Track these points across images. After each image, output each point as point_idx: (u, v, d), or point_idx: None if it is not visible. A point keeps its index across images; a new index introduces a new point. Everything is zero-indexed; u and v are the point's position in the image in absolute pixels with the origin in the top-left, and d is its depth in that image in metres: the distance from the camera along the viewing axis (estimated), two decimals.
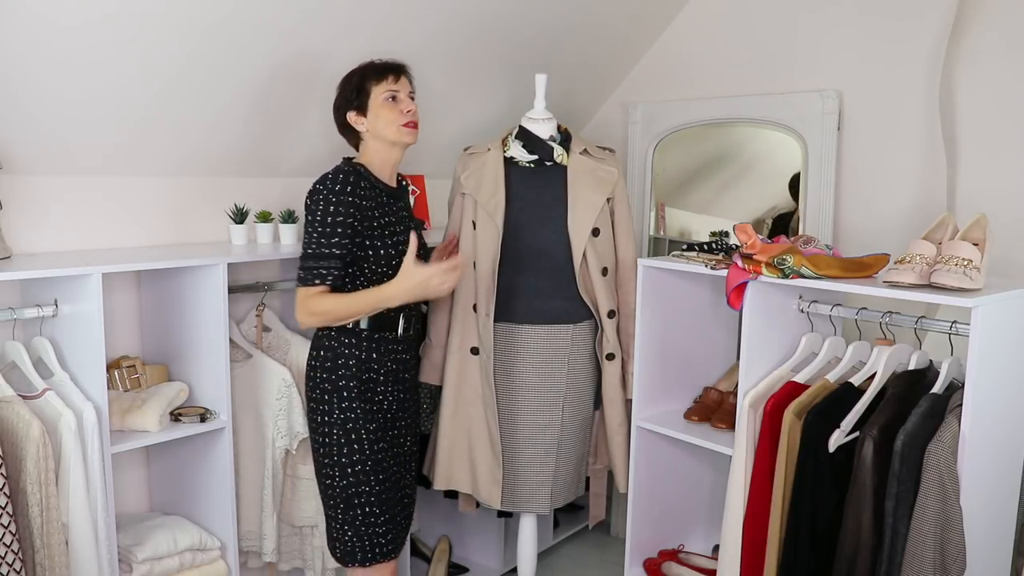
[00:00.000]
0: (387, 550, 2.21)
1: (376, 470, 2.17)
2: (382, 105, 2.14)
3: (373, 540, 2.18)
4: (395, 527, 2.23)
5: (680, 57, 3.24)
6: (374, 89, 2.15)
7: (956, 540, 1.81)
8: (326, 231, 2.04)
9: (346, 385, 2.15)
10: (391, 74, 2.17)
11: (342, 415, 2.15)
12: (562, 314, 2.51)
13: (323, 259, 2.04)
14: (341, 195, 2.05)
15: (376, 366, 2.18)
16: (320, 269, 2.05)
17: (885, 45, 2.72)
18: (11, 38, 1.89)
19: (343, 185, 2.06)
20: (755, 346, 2.19)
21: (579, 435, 2.58)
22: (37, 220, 2.25)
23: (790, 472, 2.04)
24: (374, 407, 2.18)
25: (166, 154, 2.43)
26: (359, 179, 2.10)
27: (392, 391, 2.23)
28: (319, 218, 2.05)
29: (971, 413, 1.83)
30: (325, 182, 2.07)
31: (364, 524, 2.17)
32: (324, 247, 2.04)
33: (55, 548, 1.91)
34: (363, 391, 2.16)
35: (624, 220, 2.57)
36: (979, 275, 1.87)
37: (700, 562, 2.60)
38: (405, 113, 2.16)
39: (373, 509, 2.17)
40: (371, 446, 2.16)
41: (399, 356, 2.24)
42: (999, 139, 2.48)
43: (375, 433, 2.17)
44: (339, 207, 2.04)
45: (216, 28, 2.17)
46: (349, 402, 2.14)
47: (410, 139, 2.18)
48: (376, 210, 2.13)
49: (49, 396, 1.97)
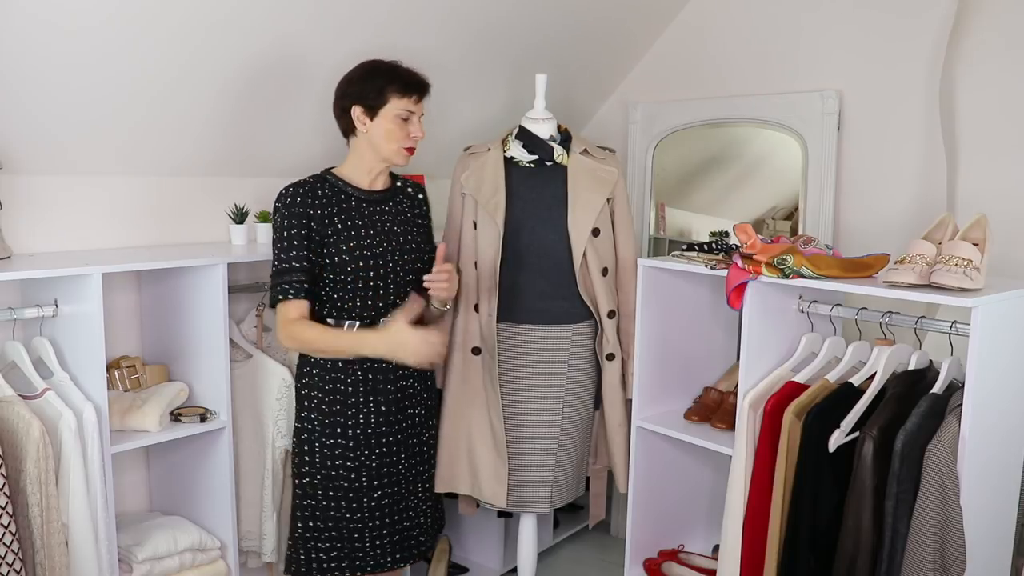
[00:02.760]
0: (330, 566, 2.12)
1: (328, 486, 2.11)
2: (393, 120, 2.08)
3: (312, 555, 2.12)
4: (351, 546, 2.13)
5: (680, 57, 3.24)
6: (394, 100, 2.07)
7: (956, 540, 1.81)
8: (284, 245, 2.04)
9: (308, 395, 2.13)
10: (416, 94, 2.10)
11: (299, 424, 2.14)
12: (562, 314, 2.51)
13: (286, 274, 2.04)
14: (292, 207, 2.05)
15: (342, 375, 2.12)
16: (283, 284, 2.03)
17: (885, 45, 2.72)
18: (11, 39, 1.89)
19: (293, 198, 2.05)
20: (755, 346, 2.19)
21: (579, 435, 2.58)
22: (37, 220, 2.25)
23: (790, 472, 2.04)
24: (339, 420, 2.11)
25: (166, 154, 2.43)
26: (316, 188, 2.08)
27: (367, 403, 2.13)
28: (277, 233, 2.06)
29: (971, 413, 1.83)
30: (280, 197, 2.07)
31: (303, 538, 2.12)
32: (284, 262, 2.04)
33: (55, 548, 1.91)
34: (324, 401, 2.11)
35: (624, 220, 2.57)
36: (979, 275, 1.87)
37: (700, 562, 2.60)
38: (410, 137, 2.10)
39: (317, 524, 2.12)
40: (324, 460, 2.11)
41: (376, 364, 2.13)
42: (999, 139, 2.48)
43: (333, 448, 2.11)
44: (292, 219, 2.04)
45: (216, 28, 2.17)
46: (308, 412, 2.13)
47: (402, 162, 2.13)
48: (337, 216, 2.08)
49: (49, 396, 1.97)
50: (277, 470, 2.45)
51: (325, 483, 2.12)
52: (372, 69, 2.10)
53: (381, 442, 2.17)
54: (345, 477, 2.12)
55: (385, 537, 2.19)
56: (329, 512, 2.12)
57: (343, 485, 2.12)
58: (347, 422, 2.12)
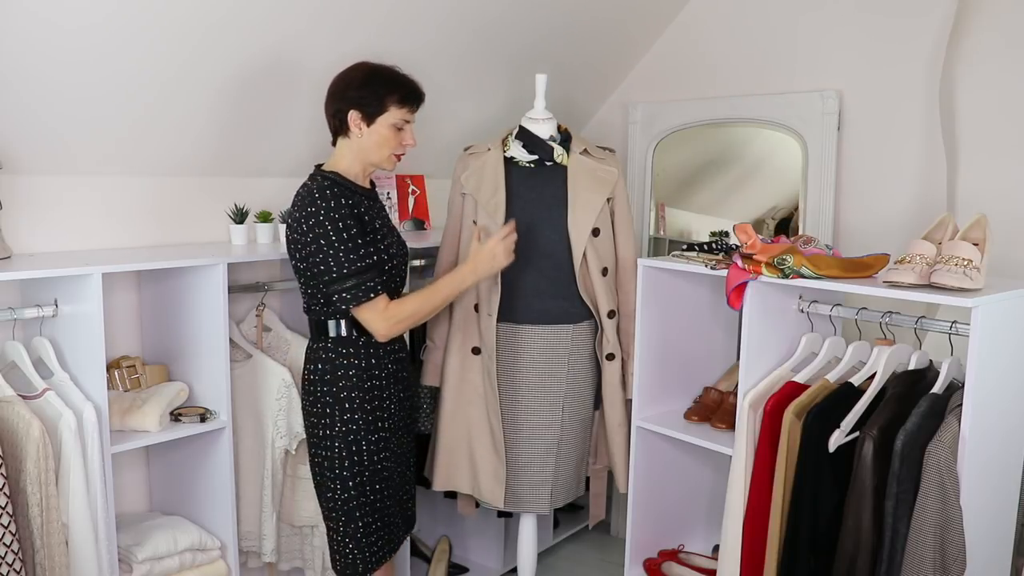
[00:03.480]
0: (382, 555, 2.20)
1: (374, 479, 2.15)
2: (388, 128, 2.09)
3: (372, 550, 2.17)
4: (390, 531, 2.22)
5: (680, 57, 3.24)
6: (392, 110, 2.08)
7: (956, 540, 1.81)
8: (348, 247, 2.00)
9: (348, 396, 2.11)
10: (415, 104, 2.12)
11: (343, 427, 2.11)
12: (562, 314, 2.51)
13: (364, 272, 2.02)
14: (342, 208, 2.02)
15: (378, 371, 2.15)
16: (368, 282, 2.02)
17: (885, 45, 2.73)
18: (11, 38, 1.89)
19: (339, 200, 2.02)
20: (755, 346, 2.19)
21: (579, 435, 2.58)
22: (37, 220, 2.25)
23: (790, 472, 2.04)
24: (378, 414, 2.15)
25: (166, 154, 2.43)
26: (344, 189, 2.06)
27: (394, 392, 2.21)
28: (334, 238, 1.99)
29: (971, 413, 1.83)
30: (316, 203, 2.01)
31: (364, 535, 2.15)
32: (357, 261, 2.01)
33: (55, 548, 1.91)
34: (366, 400, 2.13)
35: (624, 220, 2.57)
36: (979, 275, 1.87)
37: (700, 562, 2.60)
38: (402, 145, 2.13)
39: (374, 519, 2.16)
40: (371, 456, 2.13)
41: (397, 355, 2.22)
42: (999, 139, 2.48)
43: (376, 444, 2.14)
44: (347, 219, 2.01)
45: (216, 28, 2.17)
46: (351, 413, 2.12)
47: (390, 167, 2.17)
48: (367, 215, 2.11)
49: (49, 396, 1.97)
50: (277, 470, 2.45)
51: (373, 478, 2.15)
52: (371, 75, 2.09)
53: (399, 426, 2.24)
54: (387, 467, 2.18)
55: (400, 515, 2.28)
56: (377, 505, 2.16)
57: (385, 476, 2.17)
58: (383, 415, 2.17)
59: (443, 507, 3.02)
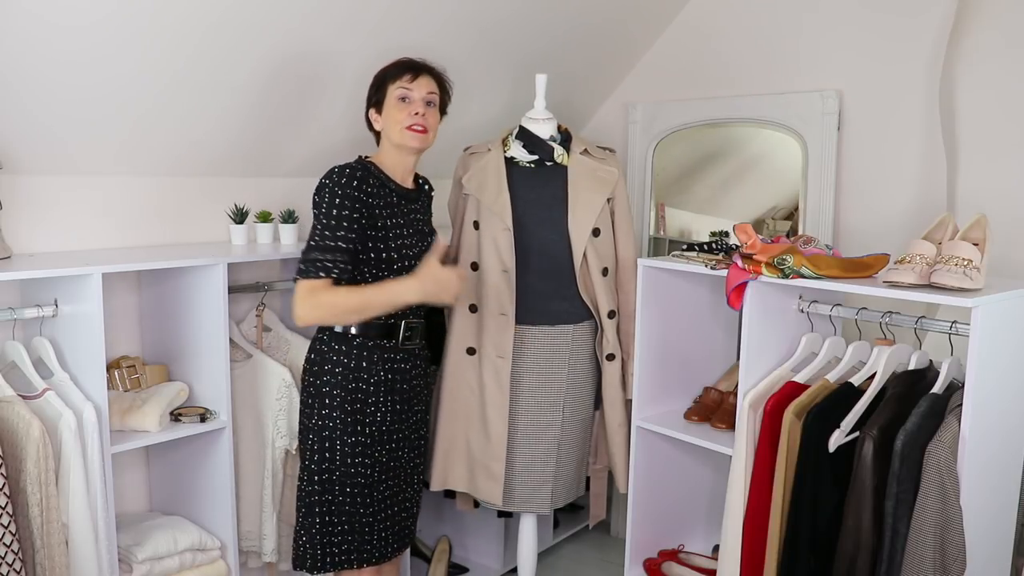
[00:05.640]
0: (344, 560, 2.16)
1: (345, 482, 2.12)
2: (394, 105, 2.11)
3: (328, 550, 2.14)
4: (362, 539, 2.17)
5: (680, 57, 3.24)
6: (390, 87, 2.12)
7: (956, 540, 1.81)
8: (331, 223, 1.99)
9: (329, 392, 2.11)
10: (409, 73, 2.12)
11: (320, 421, 2.12)
12: (562, 314, 2.50)
13: (328, 251, 1.98)
14: (347, 189, 2.01)
15: (366, 375, 2.13)
16: (325, 261, 1.96)
17: (885, 45, 2.72)
18: (11, 38, 1.89)
19: (349, 180, 2.02)
20: (755, 346, 2.19)
21: (579, 435, 2.58)
22: (37, 220, 2.25)
23: (790, 472, 2.04)
24: (359, 417, 2.13)
25: (166, 154, 2.43)
26: (367, 175, 2.07)
27: (385, 402, 2.17)
28: (324, 211, 2.00)
29: (971, 413, 1.83)
30: (332, 176, 2.03)
31: (320, 533, 2.13)
32: (329, 240, 1.99)
33: (55, 548, 1.91)
34: (347, 400, 2.11)
35: (624, 220, 2.57)
36: (979, 275, 1.87)
37: (700, 562, 2.60)
38: (412, 115, 2.09)
39: (332, 519, 2.13)
40: (344, 458, 2.11)
41: (396, 366, 2.18)
42: (999, 139, 2.48)
43: (352, 447, 2.12)
44: (345, 200, 2.00)
45: (216, 27, 2.17)
46: (330, 410, 2.11)
47: (413, 143, 2.11)
48: (384, 209, 2.09)
49: (49, 396, 1.97)
50: (277, 470, 2.45)
51: (343, 479, 2.13)
52: (377, 73, 2.18)
53: (392, 439, 2.21)
54: (362, 473, 2.14)
55: (387, 529, 2.23)
56: (344, 507, 2.14)
57: (359, 481, 2.14)
58: (366, 420, 2.14)
59: (443, 507, 3.02)
